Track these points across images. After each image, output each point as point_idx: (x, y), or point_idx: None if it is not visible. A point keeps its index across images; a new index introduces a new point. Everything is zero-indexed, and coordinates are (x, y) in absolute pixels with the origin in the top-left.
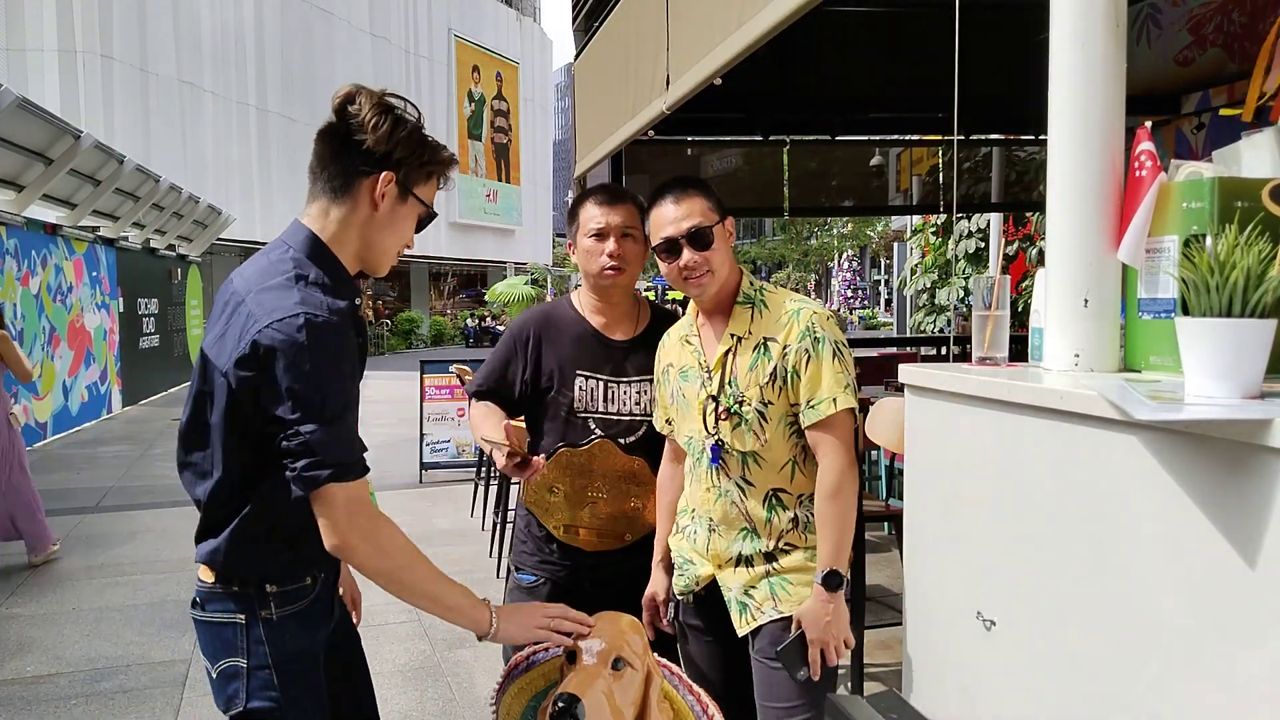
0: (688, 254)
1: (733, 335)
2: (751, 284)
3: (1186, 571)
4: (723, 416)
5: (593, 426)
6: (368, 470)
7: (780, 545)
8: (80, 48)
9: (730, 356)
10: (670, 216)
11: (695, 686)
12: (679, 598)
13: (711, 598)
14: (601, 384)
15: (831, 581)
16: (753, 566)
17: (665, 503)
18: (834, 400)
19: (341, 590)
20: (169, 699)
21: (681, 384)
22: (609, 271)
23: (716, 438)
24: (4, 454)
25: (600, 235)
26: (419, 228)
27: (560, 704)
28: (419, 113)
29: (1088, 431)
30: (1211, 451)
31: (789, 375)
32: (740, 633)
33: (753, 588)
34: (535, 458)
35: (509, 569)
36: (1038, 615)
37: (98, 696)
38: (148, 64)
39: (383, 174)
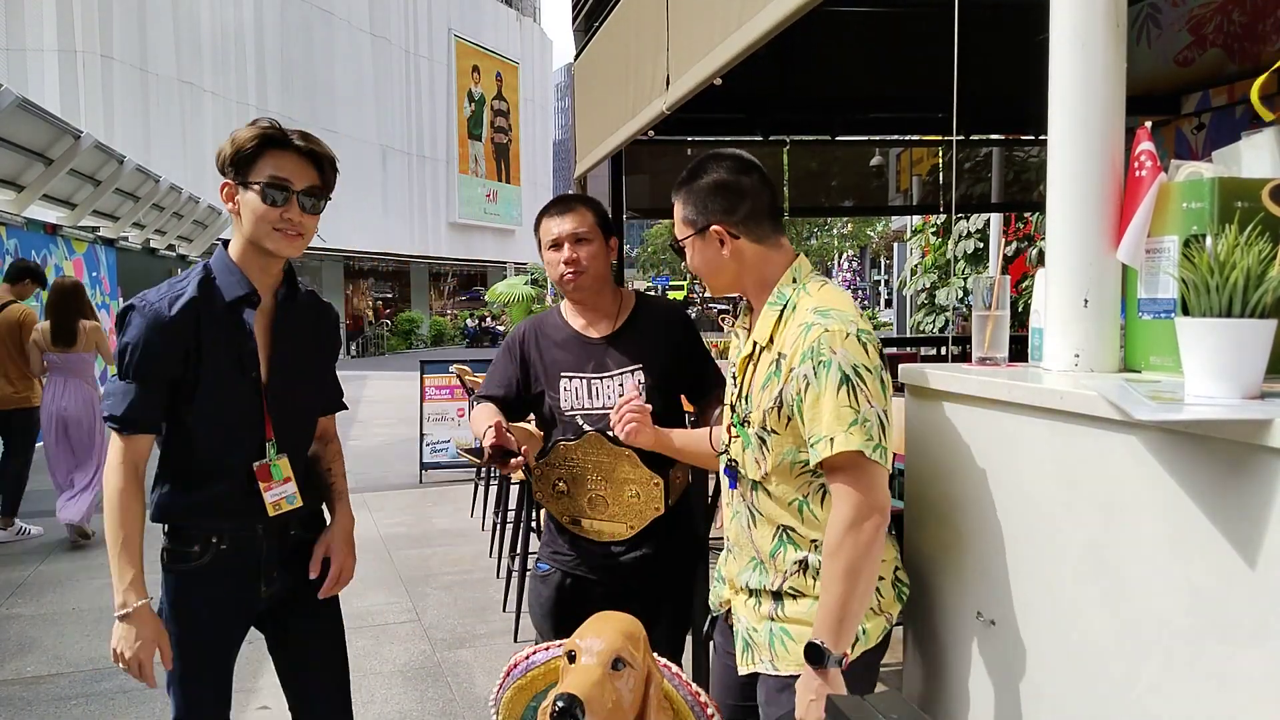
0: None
1: (754, 342)
2: (795, 280)
3: (1186, 571)
4: (732, 433)
5: (581, 423)
6: (143, 433)
7: (786, 587)
8: (80, 48)
9: (751, 365)
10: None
11: (695, 686)
12: (712, 613)
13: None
14: (585, 382)
15: (810, 654)
16: (760, 603)
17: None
18: (830, 440)
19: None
20: (169, 699)
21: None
22: (568, 277)
23: (729, 455)
24: (101, 445)
25: (555, 245)
26: (273, 199)
27: (560, 704)
28: (267, 125)
29: (1088, 431)
30: (1211, 451)
31: (795, 404)
32: (740, 671)
33: (755, 629)
34: (515, 458)
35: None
36: (1038, 615)
37: (98, 696)
38: (148, 64)
39: (221, 183)
